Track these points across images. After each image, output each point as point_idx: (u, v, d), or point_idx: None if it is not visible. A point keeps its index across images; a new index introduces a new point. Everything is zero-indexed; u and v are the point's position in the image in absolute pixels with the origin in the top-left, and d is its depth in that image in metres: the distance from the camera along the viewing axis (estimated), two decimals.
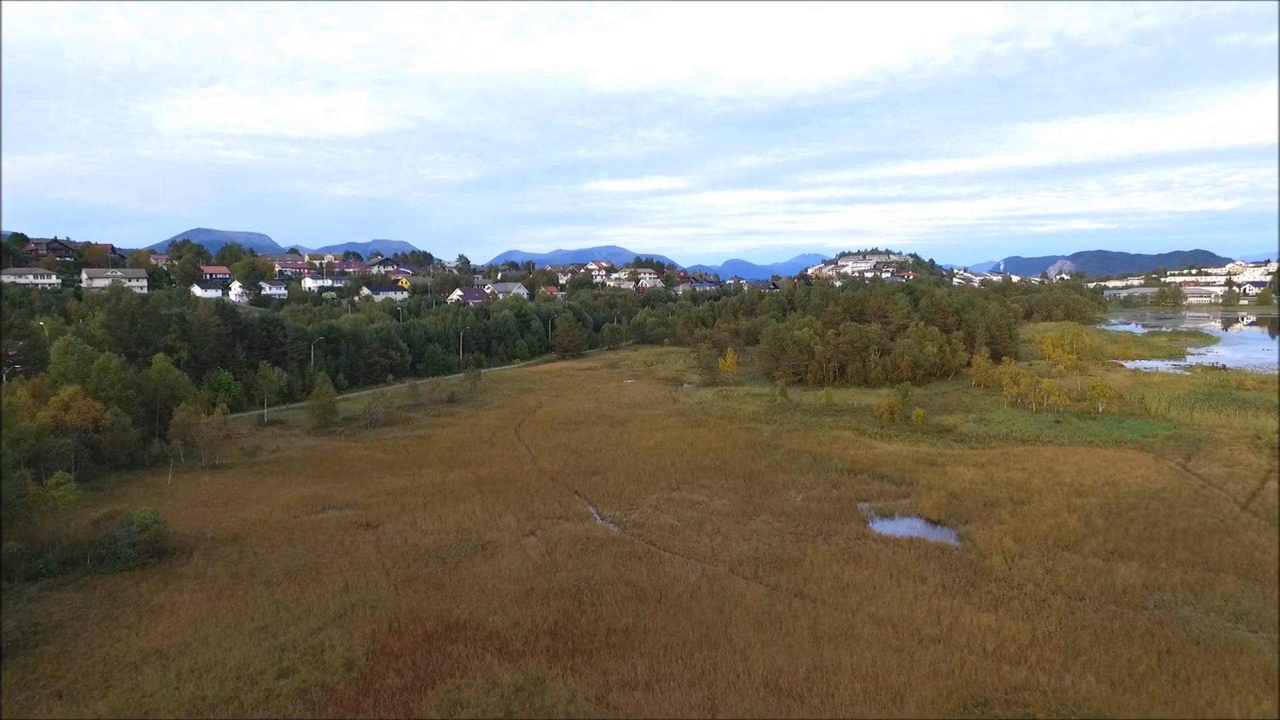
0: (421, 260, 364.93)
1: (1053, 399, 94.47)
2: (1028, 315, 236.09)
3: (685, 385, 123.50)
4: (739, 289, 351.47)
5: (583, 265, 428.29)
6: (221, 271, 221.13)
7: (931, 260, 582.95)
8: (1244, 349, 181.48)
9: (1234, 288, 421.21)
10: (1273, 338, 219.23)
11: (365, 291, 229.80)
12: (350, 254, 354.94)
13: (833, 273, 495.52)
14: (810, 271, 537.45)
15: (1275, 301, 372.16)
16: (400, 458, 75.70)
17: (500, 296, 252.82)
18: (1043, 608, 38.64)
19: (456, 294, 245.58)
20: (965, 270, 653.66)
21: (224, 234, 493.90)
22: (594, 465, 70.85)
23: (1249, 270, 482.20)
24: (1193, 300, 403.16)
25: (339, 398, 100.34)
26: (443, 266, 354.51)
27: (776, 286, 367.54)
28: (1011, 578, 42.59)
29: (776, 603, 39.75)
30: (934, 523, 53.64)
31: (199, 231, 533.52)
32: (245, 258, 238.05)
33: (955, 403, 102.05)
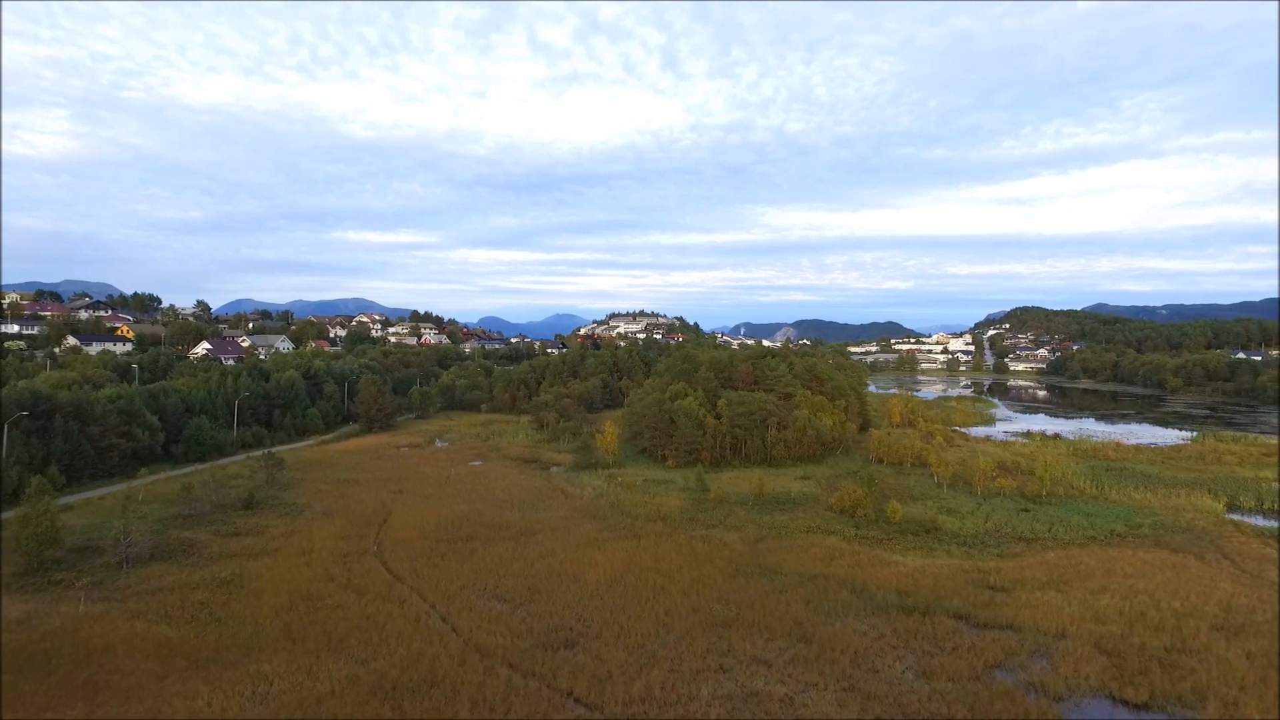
0: (145, 304, 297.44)
1: (999, 482, 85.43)
2: None
3: (556, 468, 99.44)
4: (530, 349, 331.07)
5: (352, 318, 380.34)
6: None
7: (696, 324, 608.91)
8: (1030, 417, 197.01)
9: (950, 355, 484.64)
10: (992, 399, 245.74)
11: (72, 341, 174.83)
12: (46, 293, 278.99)
13: (609, 333, 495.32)
14: (585, 331, 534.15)
15: (985, 368, 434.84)
16: (204, 636, 43.74)
17: (261, 351, 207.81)
18: None
19: (204, 347, 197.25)
20: (723, 334, 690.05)
21: None
22: (551, 624, 45.54)
23: (953, 340, 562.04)
24: (924, 366, 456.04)
25: (58, 503, 62.71)
26: (175, 313, 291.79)
27: (565, 346, 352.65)
28: None
29: None
30: (1138, 707, 36.88)
31: None
32: None
33: (881, 484, 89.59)
